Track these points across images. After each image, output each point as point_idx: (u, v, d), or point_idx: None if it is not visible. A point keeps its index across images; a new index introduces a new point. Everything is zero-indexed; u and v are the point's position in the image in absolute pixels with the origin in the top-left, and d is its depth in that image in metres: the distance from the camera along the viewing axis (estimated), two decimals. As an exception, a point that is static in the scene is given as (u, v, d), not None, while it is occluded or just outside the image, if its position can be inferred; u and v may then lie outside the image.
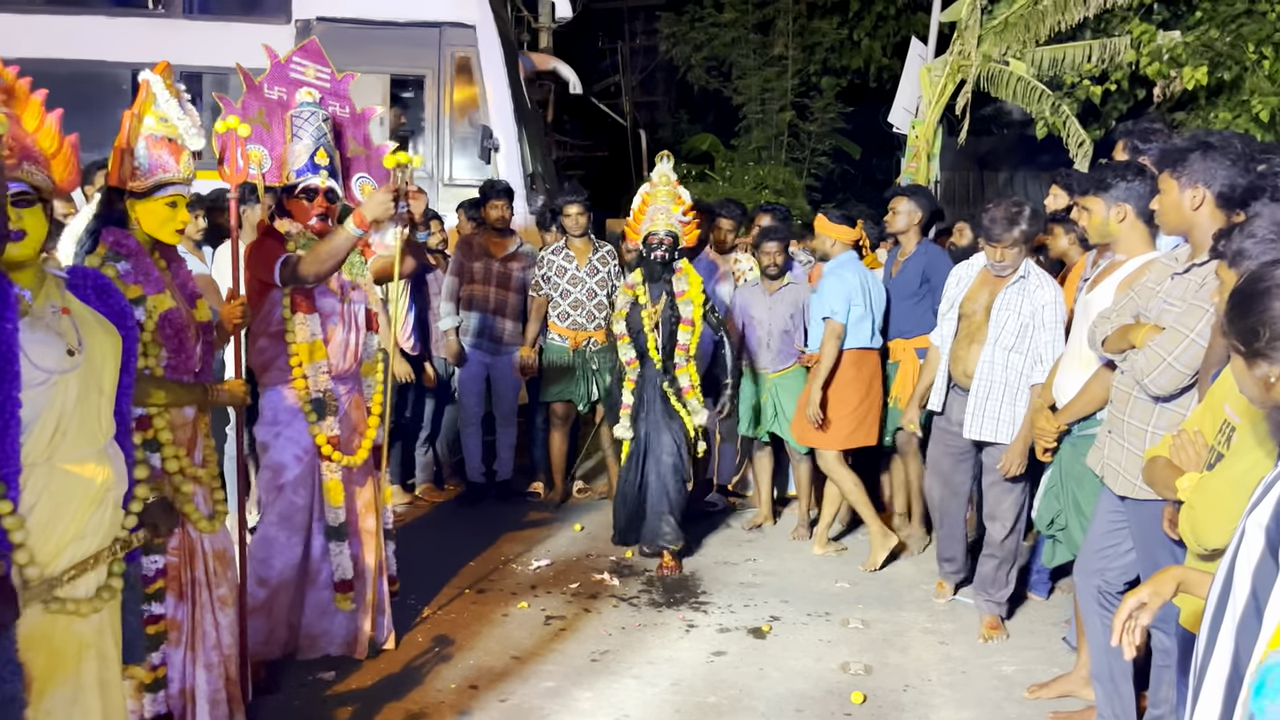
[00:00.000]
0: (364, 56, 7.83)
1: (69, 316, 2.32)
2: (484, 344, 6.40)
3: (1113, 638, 2.04)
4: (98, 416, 2.35)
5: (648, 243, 5.32)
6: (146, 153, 3.13)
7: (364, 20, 7.98)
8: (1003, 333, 4.34)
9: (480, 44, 7.97)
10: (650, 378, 5.42)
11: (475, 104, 8.02)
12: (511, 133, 8.03)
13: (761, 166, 15.14)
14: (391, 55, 8.06)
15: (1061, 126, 10.09)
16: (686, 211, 5.37)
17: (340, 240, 3.76)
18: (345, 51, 7.83)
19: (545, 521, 6.15)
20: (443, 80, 8.03)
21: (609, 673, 4.17)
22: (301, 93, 3.96)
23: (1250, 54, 8.57)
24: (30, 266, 2.27)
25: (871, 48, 15.57)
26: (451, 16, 8.02)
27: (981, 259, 4.55)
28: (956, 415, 4.54)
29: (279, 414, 3.92)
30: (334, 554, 4.02)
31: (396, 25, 7.97)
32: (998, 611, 4.61)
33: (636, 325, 5.40)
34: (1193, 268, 3.15)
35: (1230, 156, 3.06)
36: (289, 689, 3.94)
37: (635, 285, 5.43)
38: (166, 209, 3.17)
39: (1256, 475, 2.13)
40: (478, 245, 6.40)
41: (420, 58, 8.03)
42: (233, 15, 8.33)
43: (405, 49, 8.03)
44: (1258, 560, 1.63)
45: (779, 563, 5.54)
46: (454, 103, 8.11)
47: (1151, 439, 3.18)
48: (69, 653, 2.32)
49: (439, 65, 8.02)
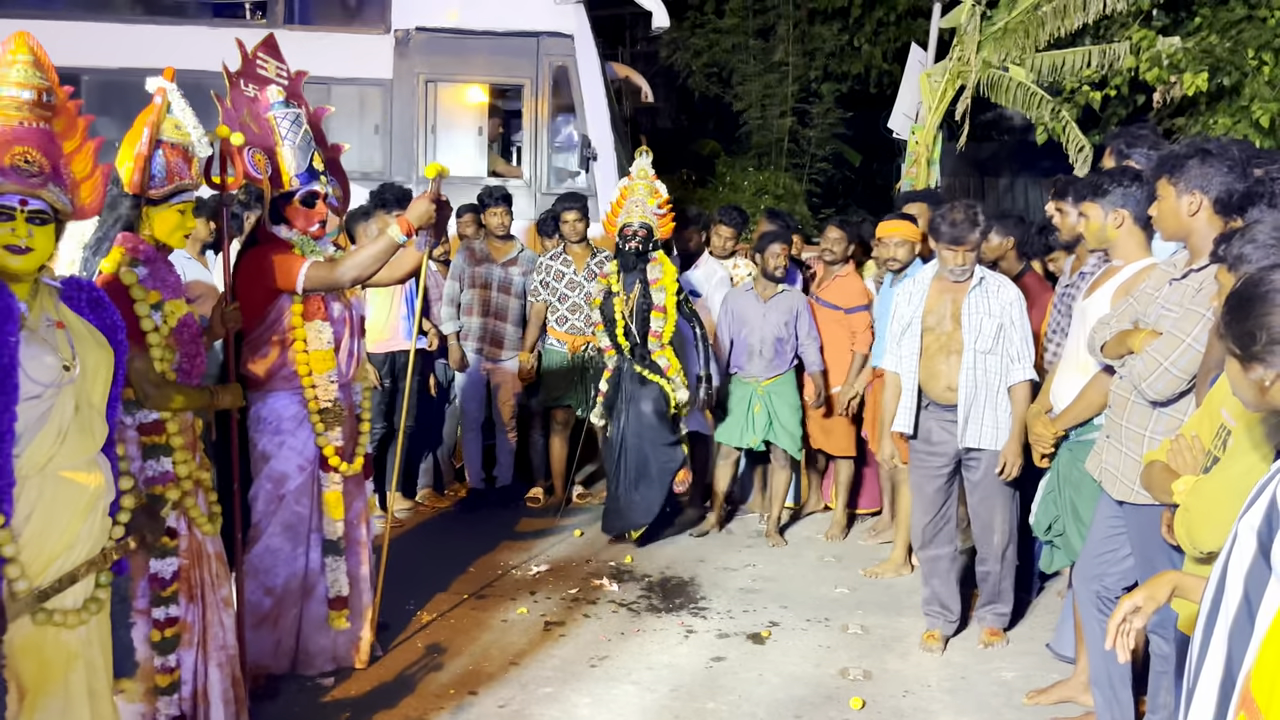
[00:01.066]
0: (462, 66, 7.97)
1: (63, 330, 2.33)
2: (485, 349, 6.42)
3: (1107, 641, 2.04)
4: (90, 429, 2.37)
5: (623, 234, 5.55)
6: (163, 160, 3.16)
7: (463, 30, 8.01)
8: (980, 337, 4.28)
9: (578, 53, 7.97)
10: (626, 368, 5.63)
11: (572, 113, 8.03)
12: (608, 141, 8.03)
13: (762, 172, 15.14)
14: (490, 65, 8.09)
15: (1061, 132, 10.09)
16: (663, 204, 5.59)
17: (383, 245, 3.81)
18: (444, 61, 7.89)
19: (544, 527, 6.15)
20: (540, 89, 8.03)
21: (608, 678, 4.17)
22: (272, 91, 3.94)
23: (1250, 60, 8.57)
24: (26, 279, 2.29)
25: (872, 54, 15.57)
26: (549, 26, 8.01)
27: (927, 271, 4.49)
28: (936, 436, 4.43)
29: (282, 423, 3.89)
30: (330, 569, 4.00)
31: (495, 35, 7.98)
32: (1000, 625, 4.59)
33: (609, 313, 5.62)
34: (1190, 273, 3.16)
35: (1227, 163, 3.07)
36: (288, 694, 3.93)
37: (610, 275, 5.63)
38: (178, 216, 3.22)
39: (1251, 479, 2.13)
40: (479, 250, 6.42)
41: (518, 67, 8.04)
42: (332, 25, 8.39)
43: (503, 58, 8.04)
44: (1250, 563, 1.63)
45: (778, 568, 5.54)
46: (551, 112, 8.12)
47: (1149, 444, 3.19)
48: (58, 663, 2.33)
49: (536, 74, 8.02)
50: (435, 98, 8.06)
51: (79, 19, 7.96)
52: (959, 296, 4.36)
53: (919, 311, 4.45)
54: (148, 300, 3.11)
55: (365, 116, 8.07)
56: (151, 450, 3.15)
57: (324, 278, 3.81)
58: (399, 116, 8.01)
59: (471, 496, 6.58)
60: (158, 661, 3.21)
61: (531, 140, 8.08)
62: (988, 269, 4.45)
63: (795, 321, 5.84)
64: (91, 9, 8.20)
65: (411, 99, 7.99)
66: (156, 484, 3.14)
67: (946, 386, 4.38)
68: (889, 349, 4.59)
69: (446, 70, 8.05)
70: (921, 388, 4.46)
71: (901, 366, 4.50)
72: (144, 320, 3.09)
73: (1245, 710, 1.52)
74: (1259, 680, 1.52)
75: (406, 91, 7.98)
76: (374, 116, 8.00)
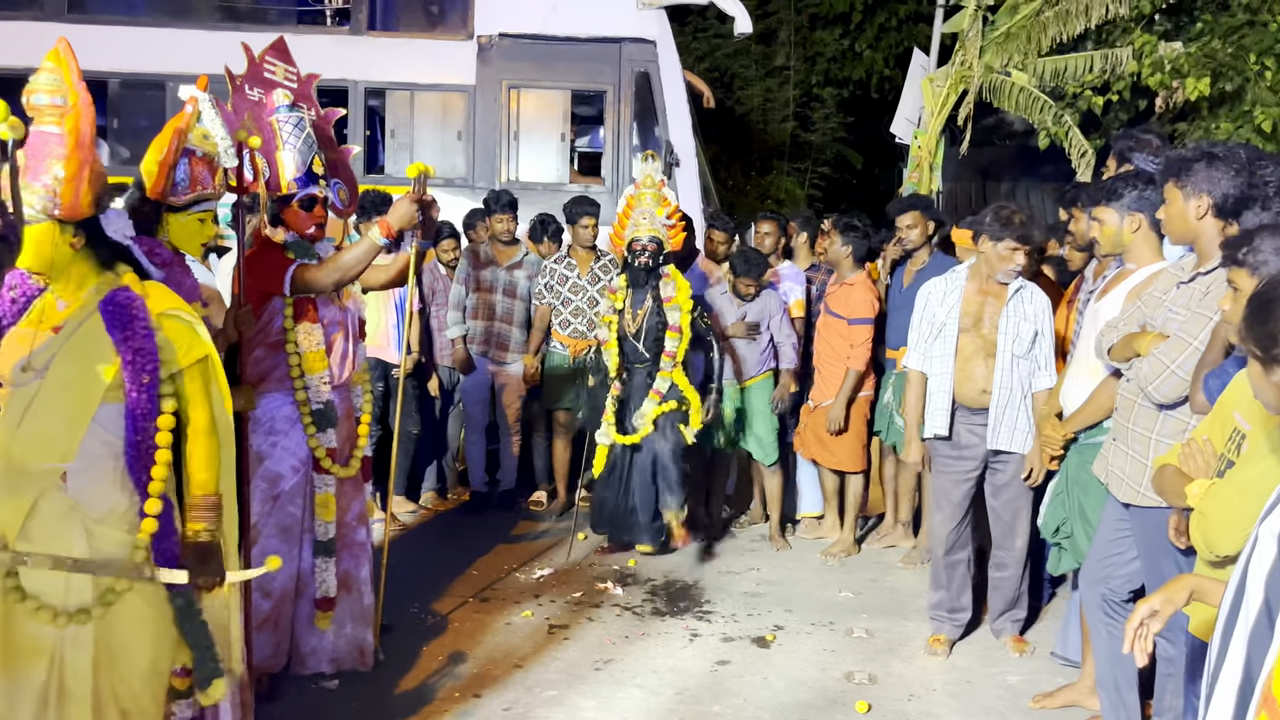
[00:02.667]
0: (545, 72, 7.93)
1: (56, 335, 2.35)
2: (490, 352, 6.41)
3: (1124, 645, 2.03)
4: (50, 439, 2.38)
5: (631, 249, 5.33)
6: (188, 169, 3.17)
7: (545, 36, 7.98)
8: (1017, 340, 4.26)
9: (660, 59, 7.93)
10: (637, 386, 5.44)
11: (655, 119, 7.99)
12: (690, 147, 8.00)
13: (764, 177, 15.17)
14: (572, 71, 8.06)
15: (1064, 137, 10.11)
16: (672, 214, 5.35)
17: (364, 249, 3.81)
18: (526, 67, 7.86)
19: (548, 530, 6.14)
20: (622, 95, 7.99)
21: (613, 681, 4.16)
22: (279, 95, 3.92)
23: (1252, 65, 8.59)
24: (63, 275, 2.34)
25: (873, 58, 15.60)
26: (632, 32, 7.97)
27: (960, 272, 4.45)
28: (965, 439, 4.39)
29: (276, 423, 3.90)
30: (319, 569, 4.00)
31: (577, 41, 7.95)
32: (1018, 630, 4.57)
33: (620, 332, 5.43)
34: (1197, 276, 3.16)
35: (1234, 166, 3.08)
36: (293, 698, 3.92)
37: (619, 291, 5.44)
38: (198, 224, 3.23)
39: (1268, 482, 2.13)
40: (484, 254, 6.42)
41: (600, 73, 8.00)
42: (415, 32, 8.36)
43: (586, 64, 8.01)
44: (1270, 567, 1.63)
45: (783, 572, 5.53)
46: (634, 118, 8.09)
47: (1156, 446, 3.19)
48: (22, 650, 2.36)
49: (619, 80, 7.98)
50: (518, 104, 8.03)
51: (163, 25, 7.95)
52: (999, 300, 4.31)
53: (954, 313, 4.38)
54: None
55: (448, 122, 8.04)
56: None
57: (308, 280, 3.82)
58: (481, 122, 7.95)
59: (475, 500, 6.57)
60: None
61: (613, 146, 8.03)
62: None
63: (769, 323, 5.77)
64: (175, 15, 8.20)
65: (494, 105, 7.94)
66: None
67: (981, 390, 4.32)
68: (915, 348, 4.48)
69: (529, 76, 8.01)
70: (955, 391, 4.39)
71: (933, 368, 4.41)
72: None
73: (1267, 709, 1.52)
74: None
75: (489, 97, 7.93)
76: (457, 122, 7.97)
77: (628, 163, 7.94)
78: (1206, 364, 2.93)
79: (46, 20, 7.29)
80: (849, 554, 5.75)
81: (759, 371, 5.86)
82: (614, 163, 7.98)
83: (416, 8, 8.70)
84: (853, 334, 5.56)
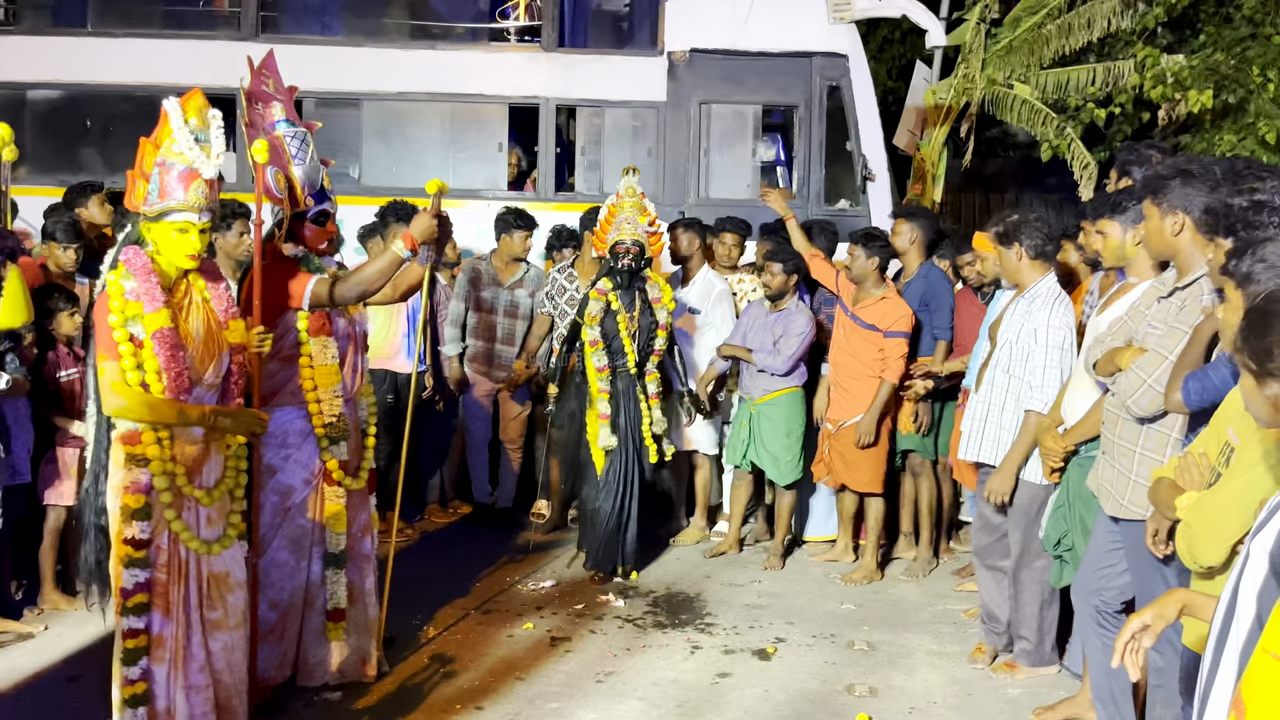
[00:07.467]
0: (735, 87, 7.82)
1: None
2: (491, 372, 6.41)
3: (1114, 659, 2.04)
4: None
5: (614, 251, 5.43)
6: (157, 179, 3.18)
7: (736, 51, 7.84)
8: (1014, 349, 4.25)
9: (852, 73, 7.82)
10: (626, 386, 5.51)
11: (847, 134, 7.85)
12: (883, 162, 7.90)
13: (768, 186, 15.17)
14: (763, 86, 7.93)
15: (1066, 149, 10.11)
16: (652, 223, 5.53)
17: (387, 261, 3.84)
18: (716, 82, 7.75)
19: (549, 543, 6.15)
20: (814, 110, 7.86)
21: (614, 693, 4.17)
22: (276, 109, 3.93)
23: (1255, 77, 8.60)
24: None
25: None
26: (823, 46, 7.84)
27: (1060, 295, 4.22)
28: None
29: (289, 436, 3.91)
30: (330, 581, 4.01)
31: (768, 56, 7.82)
32: None
33: (612, 331, 5.47)
34: (1175, 291, 3.19)
35: (1209, 183, 3.09)
36: (296, 709, 3.94)
37: (606, 291, 5.47)
38: (172, 234, 3.21)
39: (1252, 494, 2.14)
40: (486, 273, 6.42)
41: (791, 88, 7.87)
42: (604, 48, 8.30)
43: (776, 79, 7.88)
44: (1262, 583, 1.64)
45: (784, 584, 5.54)
46: (825, 133, 7.93)
47: (1139, 460, 3.22)
48: None
49: (810, 95, 7.85)
50: (708, 120, 7.90)
51: (356, 45, 7.90)
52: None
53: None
54: (125, 311, 3.12)
55: (639, 139, 7.94)
56: (129, 460, 3.17)
57: (328, 294, 3.84)
58: (671, 139, 7.80)
59: (476, 512, 6.58)
60: (123, 672, 3.18)
61: (804, 161, 7.91)
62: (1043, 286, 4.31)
63: (781, 339, 5.64)
64: (369, 35, 8.15)
65: (684, 121, 7.80)
66: (130, 493, 3.15)
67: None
68: (1043, 391, 4.11)
69: (720, 92, 7.86)
70: None
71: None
72: (116, 330, 3.11)
73: (1234, 711, 1.55)
74: (1249, 682, 1.54)
75: (680, 114, 7.79)
76: (647, 139, 7.85)
77: (820, 177, 7.79)
78: (1186, 364, 2.95)
79: (242, 40, 7.16)
80: (871, 579, 5.57)
81: (773, 389, 5.73)
82: (805, 177, 7.81)
83: (606, 24, 8.65)
84: (889, 347, 5.44)
